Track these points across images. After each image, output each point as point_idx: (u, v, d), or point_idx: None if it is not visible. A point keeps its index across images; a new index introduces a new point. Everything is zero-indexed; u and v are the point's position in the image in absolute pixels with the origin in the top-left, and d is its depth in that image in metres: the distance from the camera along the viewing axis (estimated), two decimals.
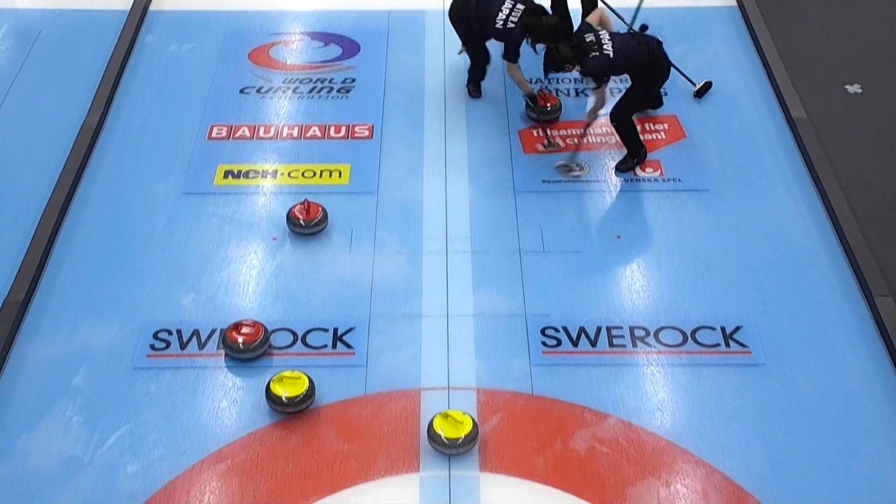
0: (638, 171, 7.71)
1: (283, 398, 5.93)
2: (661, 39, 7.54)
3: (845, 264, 7.00)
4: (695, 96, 8.48)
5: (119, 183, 7.71)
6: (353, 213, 7.41)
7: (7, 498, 5.56)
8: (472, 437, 5.73)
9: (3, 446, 5.82)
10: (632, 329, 6.53)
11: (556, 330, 6.46)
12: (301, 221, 7.17)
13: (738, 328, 6.52)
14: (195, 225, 7.33)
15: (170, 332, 6.48)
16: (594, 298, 6.68)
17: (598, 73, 7.43)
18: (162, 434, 5.89)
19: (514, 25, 7.65)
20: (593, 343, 6.43)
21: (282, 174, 7.80)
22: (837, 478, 5.67)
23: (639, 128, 7.72)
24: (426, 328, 6.53)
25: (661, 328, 6.52)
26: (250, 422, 5.95)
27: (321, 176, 7.79)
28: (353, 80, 8.80)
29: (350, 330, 6.51)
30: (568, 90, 8.57)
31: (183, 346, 6.41)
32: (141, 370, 6.25)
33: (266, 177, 7.78)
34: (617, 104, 7.64)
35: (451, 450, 5.72)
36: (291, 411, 5.95)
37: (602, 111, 7.82)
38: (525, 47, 7.88)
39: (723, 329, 6.52)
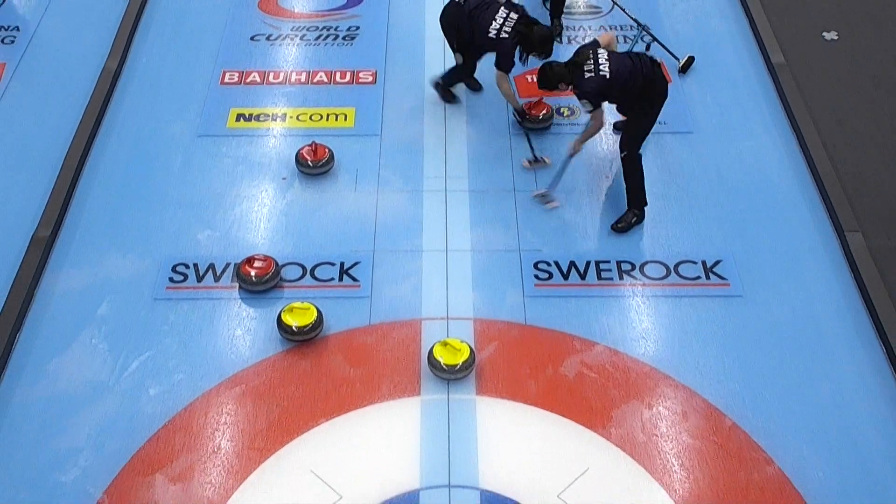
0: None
1: (294, 327, 5.95)
2: (660, 60, 6.79)
3: (818, 201, 6.98)
4: (679, 72, 8.02)
5: (137, 125, 7.64)
6: (357, 154, 7.36)
7: (40, 417, 5.61)
8: (469, 364, 5.76)
9: (36, 370, 5.87)
10: (618, 263, 6.52)
11: (548, 264, 6.45)
12: (309, 162, 7.13)
13: (717, 262, 6.52)
14: (209, 165, 7.29)
15: (187, 266, 6.48)
16: (584, 234, 6.66)
17: (594, 94, 6.40)
18: (181, 360, 5.92)
19: (507, 36, 6.90)
20: (582, 276, 6.43)
21: (290, 117, 7.74)
22: (806, 397, 5.74)
23: None
24: (426, 262, 6.52)
25: (646, 262, 6.51)
26: (263, 349, 5.98)
27: (327, 119, 7.72)
28: (358, 28, 8.67)
29: (356, 264, 6.51)
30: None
31: (199, 278, 6.41)
32: (161, 301, 6.27)
33: (276, 120, 7.72)
34: (624, 134, 6.75)
35: (449, 375, 5.76)
36: (301, 339, 5.98)
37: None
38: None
39: (703, 263, 6.52)
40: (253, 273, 6.29)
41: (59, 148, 7.28)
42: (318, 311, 6.03)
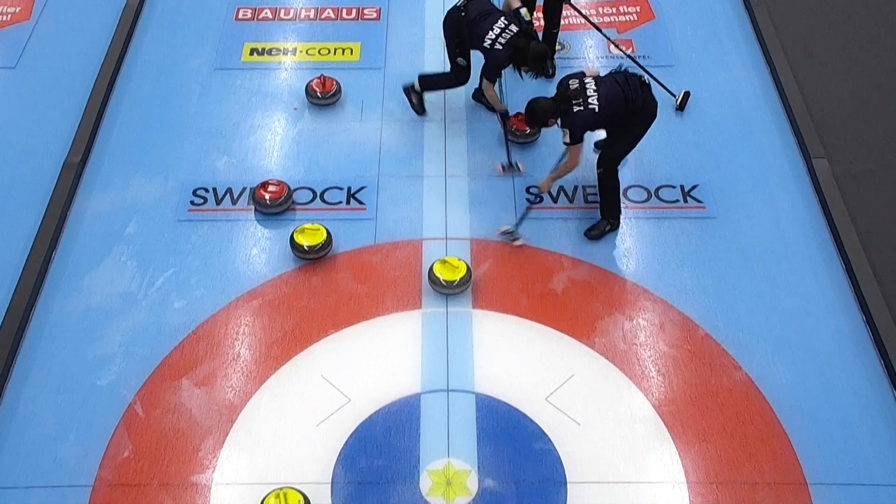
0: (612, 48, 7.47)
1: (305, 246, 5.93)
2: (647, 80, 5.92)
3: (788, 129, 6.91)
4: (677, 110, 6.98)
5: (158, 59, 7.52)
6: (363, 86, 7.25)
7: (76, 327, 5.65)
8: (466, 280, 5.76)
9: (71, 284, 5.88)
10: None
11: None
12: (318, 93, 7.03)
13: (694, 186, 6.47)
14: (226, 96, 7.18)
15: (206, 190, 6.44)
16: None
17: (579, 128, 5.70)
18: (203, 276, 5.92)
19: (501, 47, 6.19)
20: (570, 199, 6.39)
21: (300, 52, 7.60)
22: (771, 309, 5.77)
23: (613, 10, 7.46)
24: (427, 187, 6.47)
25: (629, 187, 6.45)
26: (277, 266, 5.97)
27: (335, 53, 7.59)
28: None
29: (361, 188, 6.46)
30: None
31: (218, 201, 6.37)
32: (183, 222, 6.24)
33: (287, 54, 7.59)
34: (604, 152, 6.05)
35: (448, 290, 5.76)
36: (312, 258, 5.97)
37: (569, 175, 6.15)
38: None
39: (682, 187, 6.47)
40: (267, 196, 6.25)
41: (86, 81, 7.17)
42: (328, 232, 6.00)
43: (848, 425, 5.22)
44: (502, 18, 6.27)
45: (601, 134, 6.26)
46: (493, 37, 6.19)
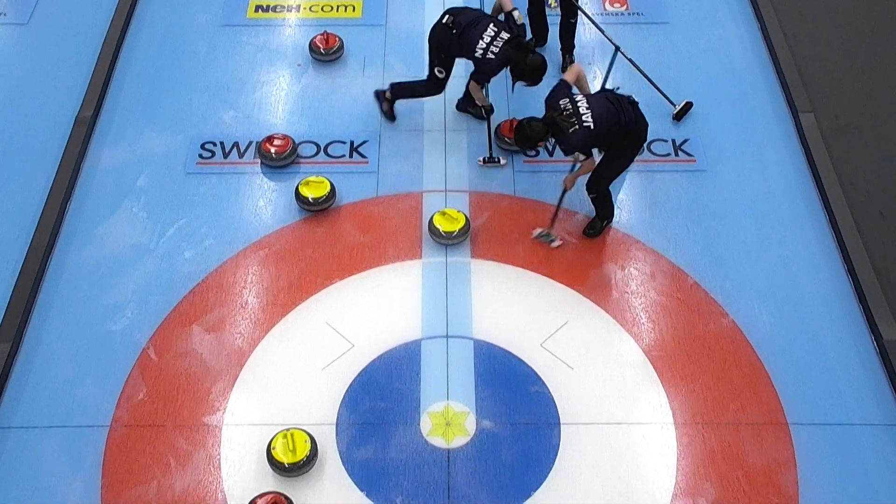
0: (607, 6, 7.33)
1: (310, 198, 5.88)
2: (636, 99, 5.50)
3: (777, 85, 6.81)
4: (674, 118, 6.52)
5: (166, 15, 7.37)
6: (365, 43, 7.13)
7: (92, 276, 5.62)
8: (464, 230, 5.73)
9: (85, 235, 5.84)
10: None
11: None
12: (321, 50, 6.91)
13: (685, 140, 6.40)
14: (232, 52, 7.06)
15: (214, 144, 6.36)
16: None
17: (583, 146, 5.36)
18: (211, 227, 5.88)
19: (493, 56, 5.64)
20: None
21: (304, 8, 7.44)
22: (758, 259, 5.74)
23: None
24: (427, 141, 6.38)
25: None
26: (283, 218, 5.93)
27: (337, 10, 7.44)
28: None
29: (364, 142, 6.38)
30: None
31: (226, 155, 6.30)
32: (192, 175, 6.17)
33: (290, 11, 7.43)
34: (595, 174, 5.62)
35: (447, 241, 5.73)
36: (316, 209, 5.92)
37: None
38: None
39: (673, 141, 6.39)
40: (273, 150, 6.18)
41: (96, 37, 7.04)
42: (331, 184, 5.95)
43: (827, 369, 5.23)
44: (492, 25, 5.71)
45: None
46: (485, 46, 5.65)
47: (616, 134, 5.36)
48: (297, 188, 5.93)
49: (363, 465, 4.81)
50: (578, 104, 5.28)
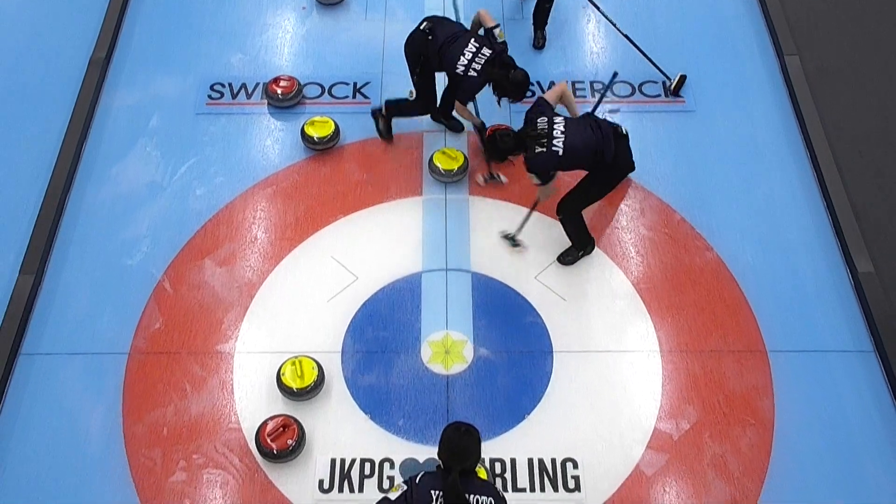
0: None
1: (315, 138, 5.77)
2: (625, 131, 4.99)
3: (763, 28, 6.62)
4: (671, 93, 6.15)
5: None
6: None
7: (108, 212, 5.56)
8: (463, 169, 5.64)
9: (101, 174, 5.75)
10: (591, 83, 6.25)
11: (531, 84, 6.16)
12: None
13: None
14: None
15: (223, 85, 6.22)
16: (562, 58, 6.34)
17: (544, 171, 4.86)
18: (221, 166, 5.78)
19: (475, 74, 5.14)
20: None
21: None
22: (742, 197, 5.67)
23: None
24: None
25: (616, 82, 6.21)
26: (289, 156, 5.83)
27: None
28: None
29: (367, 83, 6.23)
30: None
31: (234, 96, 6.17)
32: (202, 115, 6.05)
33: None
34: (567, 196, 5.18)
35: (447, 179, 5.64)
36: (321, 148, 5.81)
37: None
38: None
39: (664, 83, 6.25)
40: (279, 91, 6.04)
41: None
42: (336, 124, 5.83)
43: (805, 300, 5.20)
44: (472, 41, 5.20)
45: None
46: (466, 63, 5.15)
47: (590, 164, 4.94)
48: (302, 128, 5.82)
49: (367, 390, 4.82)
50: (555, 127, 4.82)
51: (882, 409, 4.78)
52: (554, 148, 4.77)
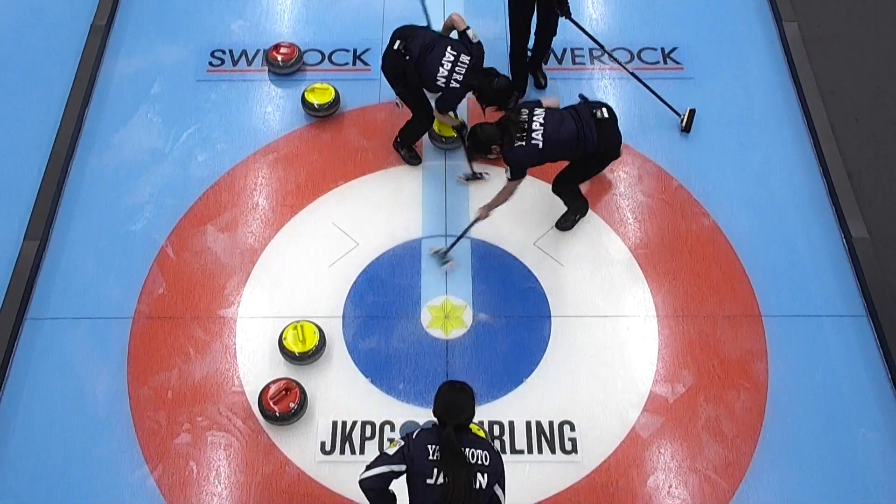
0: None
1: (315, 104, 5.66)
2: (605, 114, 4.69)
3: None
4: (682, 131, 5.69)
5: None
6: None
7: (111, 179, 5.47)
8: (458, 139, 5.52)
9: (103, 141, 5.65)
10: (590, 50, 6.12)
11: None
12: None
13: (674, 48, 6.12)
14: None
15: (223, 52, 6.09)
16: (561, 24, 6.21)
17: (520, 165, 4.65)
18: (222, 132, 5.68)
19: (457, 84, 4.85)
20: (559, 61, 6.05)
21: None
22: (738, 164, 5.57)
23: None
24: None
25: (614, 49, 6.07)
26: (290, 123, 5.72)
27: None
28: None
29: (367, 50, 6.10)
30: None
31: (234, 62, 6.04)
32: (203, 82, 5.93)
33: None
34: (559, 176, 5.02)
35: (446, 146, 5.55)
36: (322, 115, 5.70)
37: (503, 207, 4.96)
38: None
39: (662, 49, 6.12)
40: (279, 58, 5.91)
41: None
42: (336, 91, 5.71)
43: (800, 265, 5.14)
44: (449, 49, 4.88)
45: None
46: (447, 74, 4.85)
47: (572, 154, 4.75)
48: (303, 95, 5.70)
49: (368, 355, 4.78)
50: (535, 118, 4.61)
51: (872, 373, 4.74)
52: (534, 141, 4.57)
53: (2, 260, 5.09)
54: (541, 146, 4.58)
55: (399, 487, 3.41)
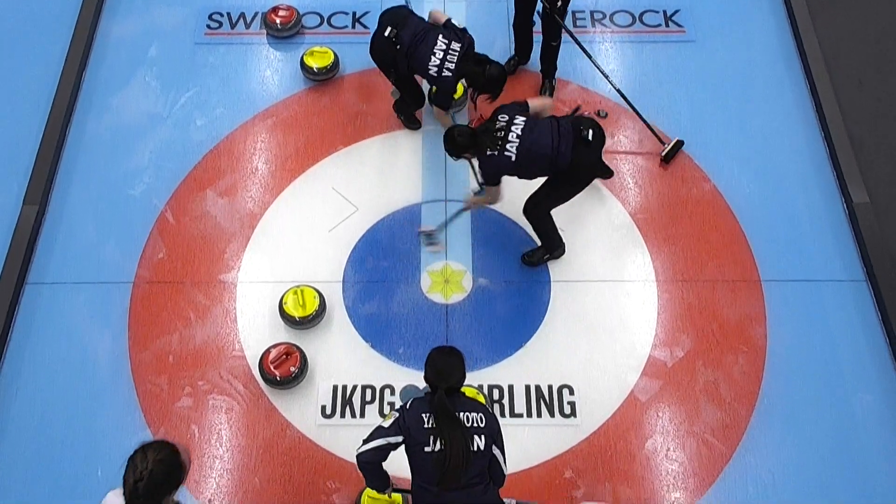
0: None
1: (314, 68, 5.54)
2: (591, 136, 4.30)
3: None
4: (662, 160, 5.29)
5: None
6: None
7: (110, 143, 5.37)
8: (462, 101, 5.42)
9: (101, 104, 5.54)
10: (592, 13, 5.98)
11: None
12: None
13: (676, 11, 5.97)
14: None
15: (221, 14, 5.94)
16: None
17: (492, 175, 4.40)
18: (221, 96, 5.56)
19: (450, 74, 4.68)
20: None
21: None
22: (740, 128, 5.47)
23: None
24: (426, 11, 5.96)
25: (616, 11, 5.96)
26: (289, 87, 5.60)
27: None
28: None
29: (366, 13, 5.95)
30: None
31: (232, 25, 5.90)
32: (201, 45, 5.80)
33: None
34: (532, 197, 4.64)
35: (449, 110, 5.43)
36: (321, 79, 5.58)
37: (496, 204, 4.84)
38: None
39: (664, 12, 5.97)
40: (278, 21, 5.77)
41: None
42: (335, 55, 5.58)
43: (800, 230, 5.06)
44: (440, 37, 4.71)
45: None
46: (438, 62, 4.68)
47: (545, 170, 4.42)
48: (301, 58, 5.57)
49: (368, 319, 4.72)
50: (513, 128, 4.30)
51: (871, 337, 4.69)
52: (507, 153, 4.28)
53: (1, 225, 5.01)
54: (514, 159, 4.29)
55: (398, 456, 3.38)
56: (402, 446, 3.33)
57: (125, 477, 2.85)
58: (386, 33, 4.81)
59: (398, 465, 3.47)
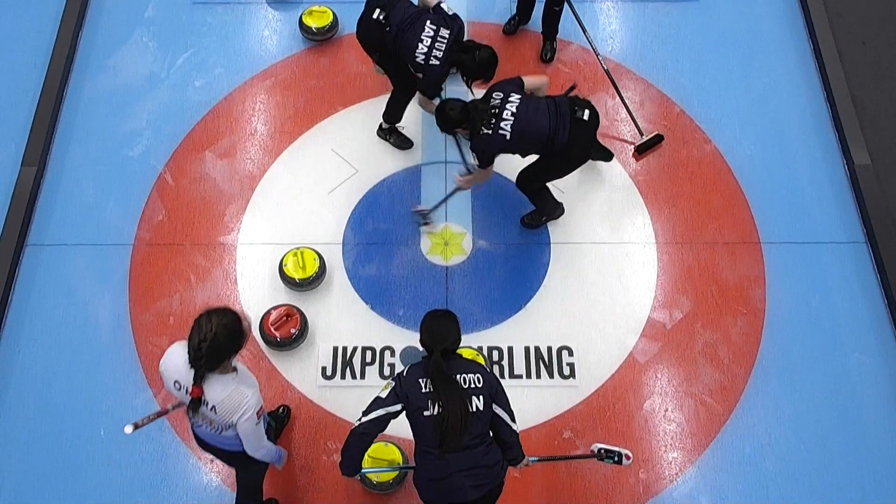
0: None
1: (313, 28, 5.40)
2: (587, 116, 4.22)
3: None
4: (635, 151, 5.08)
5: None
6: None
7: (107, 104, 5.25)
8: None
9: (98, 65, 5.41)
10: None
11: None
12: None
13: None
14: None
15: None
16: None
17: (486, 154, 4.25)
18: (220, 57, 5.43)
19: (437, 62, 4.32)
20: None
21: None
22: (742, 90, 5.35)
23: None
24: None
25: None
26: (288, 47, 5.46)
27: None
28: None
29: None
30: None
31: None
32: (198, 4, 5.64)
33: None
34: (525, 171, 4.53)
35: None
36: (320, 39, 5.44)
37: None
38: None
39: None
40: None
41: None
42: (334, 14, 5.44)
43: (801, 192, 4.98)
44: (429, 23, 4.38)
45: None
46: (426, 50, 4.33)
47: (540, 150, 4.31)
48: (300, 18, 5.43)
49: (368, 281, 4.66)
50: (507, 106, 4.15)
51: (869, 299, 4.64)
52: (501, 131, 4.13)
53: (0, 186, 4.93)
54: (508, 137, 4.15)
55: (398, 420, 3.33)
56: (403, 413, 3.29)
57: (190, 336, 3.00)
58: (374, 15, 4.49)
59: (398, 426, 3.42)
